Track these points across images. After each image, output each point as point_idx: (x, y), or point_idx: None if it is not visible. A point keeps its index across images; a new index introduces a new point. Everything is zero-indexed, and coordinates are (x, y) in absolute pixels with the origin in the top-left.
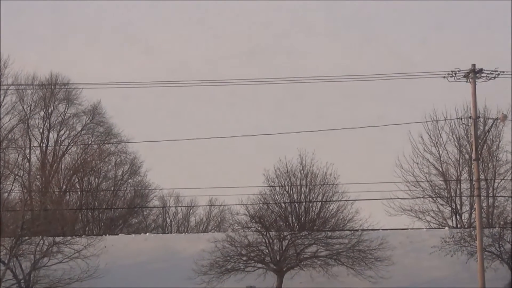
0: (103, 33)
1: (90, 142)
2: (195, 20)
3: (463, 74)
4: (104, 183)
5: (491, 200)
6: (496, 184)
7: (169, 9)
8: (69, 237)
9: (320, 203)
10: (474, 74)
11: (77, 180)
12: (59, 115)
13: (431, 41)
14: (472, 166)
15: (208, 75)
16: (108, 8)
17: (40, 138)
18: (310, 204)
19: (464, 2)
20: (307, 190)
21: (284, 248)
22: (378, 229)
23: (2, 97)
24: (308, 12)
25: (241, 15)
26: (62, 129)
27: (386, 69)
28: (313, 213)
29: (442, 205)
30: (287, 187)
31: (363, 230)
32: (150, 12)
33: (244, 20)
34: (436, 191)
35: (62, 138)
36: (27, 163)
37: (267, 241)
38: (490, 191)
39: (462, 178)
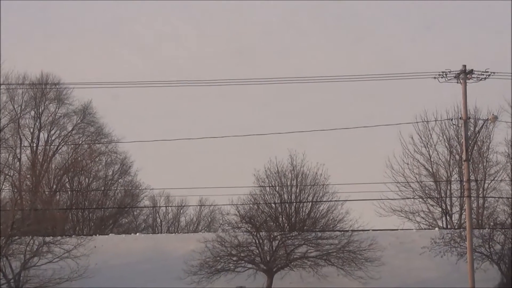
0: (94, 32)
1: (80, 142)
2: (185, 20)
3: (454, 75)
4: (94, 183)
5: (481, 201)
6: (486, 185)
7: (159, 9)
8: (59, 237)
9: (310, 203)
10: (464, 75)
11: (67, 179)
12: (49, 114)
13: (422, 42)
14: (463, 167)
15: (198, 74)
16: (98, 8)
17: (30, 138)
18: (301, 205)
19: (455, 2)
20: (297, 190)
21: (274, 248)
22: (368, 230)
23: None
24: (299, 12)
25: (231, 14)
26: (52, 128)
27: (376, 70)
28: (303, 214)
29: (432, 205)
30: (277, 187)
31: (353, 230)
32: (140, 12)
33: (234, 19)
34: (426, 191)
35: (53, 138)
36: (18, 163)
37: (257, 242)
38: (480, 192)
39: (452, 179)
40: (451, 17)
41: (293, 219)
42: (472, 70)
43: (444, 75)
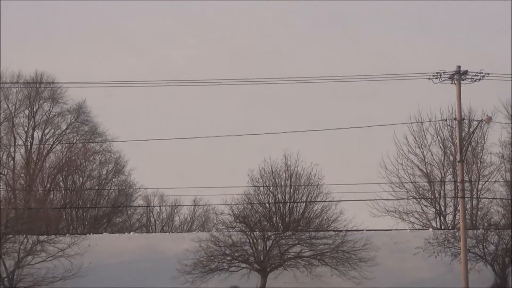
0: (89, 32)
1: (74, 141)
2: (180, 20)
3: (448, 75)
4: (88, 182)
5: (475, 201)
6: (480, 186)
7: (154, 9)
8: (53, 236)
9: (304, 203)
10: (459, 75)
11: (61, 178)
12: (44, 113)
13: (417, 42)
14: (457, 167)
15: (192, 74)
16: (93, 7)
17: (24, 137)
18: (295, 205)
19: (450, 3)
20: (291, 190)
21: (268, 248)
22: (362, 230)
23: None
24: (294, 12)
25: (226, 15)
26: (47, 127)
27: (371, 70)
28: (297, 214)
29: (426, 206)
30: (271, 187)
31: (347, 230)
32: (135, 12)
33: (228, 19)
34: (420, 192)
35: (47, 137)
36: (12, 162)
37: (251, 241)
38: (474, 193)
39: (446, 180)
40: (447, 18)
41: (287, 219)
42: (466, 71)
43: (439, 76)
